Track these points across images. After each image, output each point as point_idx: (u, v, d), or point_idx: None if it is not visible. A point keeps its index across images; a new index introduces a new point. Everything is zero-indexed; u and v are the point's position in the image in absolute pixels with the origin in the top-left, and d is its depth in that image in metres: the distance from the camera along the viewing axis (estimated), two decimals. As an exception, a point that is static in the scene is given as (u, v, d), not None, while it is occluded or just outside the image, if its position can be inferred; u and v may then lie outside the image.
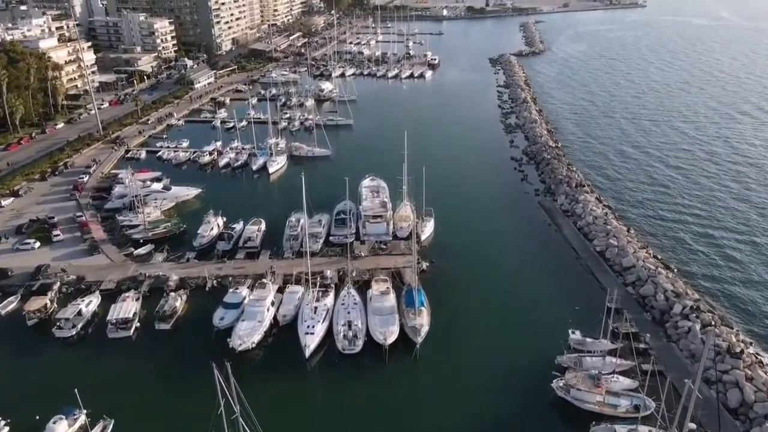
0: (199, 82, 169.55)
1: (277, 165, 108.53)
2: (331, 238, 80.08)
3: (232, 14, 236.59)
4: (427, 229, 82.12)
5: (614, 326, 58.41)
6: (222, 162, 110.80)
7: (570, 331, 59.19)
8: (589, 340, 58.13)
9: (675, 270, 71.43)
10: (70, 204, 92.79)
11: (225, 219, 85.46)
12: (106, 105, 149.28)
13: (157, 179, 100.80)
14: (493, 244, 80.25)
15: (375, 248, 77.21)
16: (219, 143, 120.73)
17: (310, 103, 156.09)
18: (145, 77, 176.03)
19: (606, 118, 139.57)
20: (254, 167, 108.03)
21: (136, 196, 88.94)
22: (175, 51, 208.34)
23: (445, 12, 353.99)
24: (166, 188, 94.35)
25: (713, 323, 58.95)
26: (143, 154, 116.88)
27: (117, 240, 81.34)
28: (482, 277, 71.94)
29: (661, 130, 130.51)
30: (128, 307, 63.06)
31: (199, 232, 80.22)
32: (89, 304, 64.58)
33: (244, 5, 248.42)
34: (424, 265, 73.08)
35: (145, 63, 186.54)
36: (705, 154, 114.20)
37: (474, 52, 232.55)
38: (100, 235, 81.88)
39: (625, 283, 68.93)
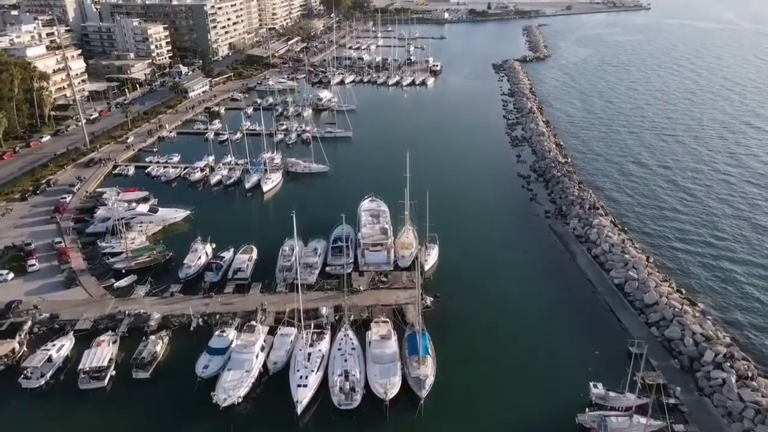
0: (193, 91, 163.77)
1: (272, 183, 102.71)
2: (327, 268, 74.22)
3: (229, 19, 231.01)
4: (431, 258, 76.34)
5: (639, 377, 52.60)
6: (214, 179, 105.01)
7: (591, 384, 53.42)
8: (612, 394, 52.36)
9: (701, 307, 65.56)
10: (50, 228, 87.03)
11: (214, 246, 79.77)
12: (96, 115, 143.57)
13: (145, 199, 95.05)
14: (502, 276, 74.42)
15: (375, 280, 71.38)
16: (211, 158, 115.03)
17: (307, 113, 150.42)
18: (137, 85, 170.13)
19: (613, 131, 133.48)
20: (247, 185, 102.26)
21: (120, 219, 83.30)
22: (170, 57, 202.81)
23: (446, 15, 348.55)
24: (153, 210, 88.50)
25: (750, 375, 53.13)
26: (131, 170, 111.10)
27: (97, 270, 75.55)
28: (491, 315, 66.08)
29: (669, 145, 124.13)
30: (103, 352, 57.24)
31: (185, 262, 74.42)
32: (61, 349, 58.80)
33: (241, 9, 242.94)
34: (428, 300, 67.27)
35: (139, 70, 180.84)
36: (716, 173, 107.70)
37: (477, 57, 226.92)
38: (79, 264, 76.09)
39: (648, 323, 63.11)
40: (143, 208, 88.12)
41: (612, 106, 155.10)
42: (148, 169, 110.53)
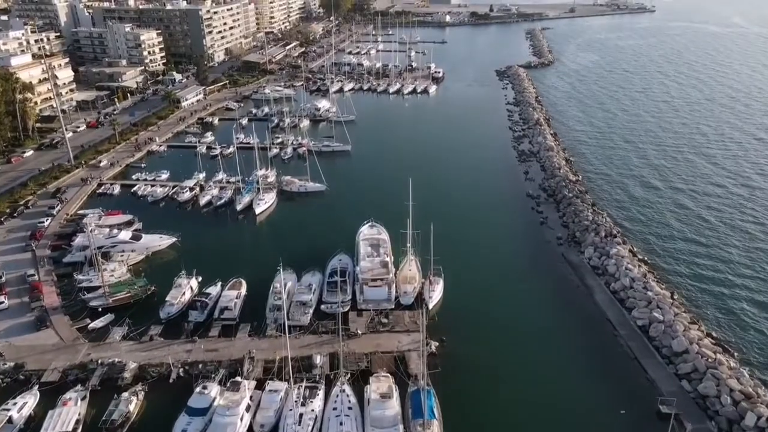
0: (186, 100, 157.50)
1: (265, 204, 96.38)
2: (323, 306, 67.98)
3: (225, 23, 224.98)
4: (436, 293, 70.07)
5: (673, 444, 46.51)
6: (203, 200, 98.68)
7: (620, 455, 47.26)
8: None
9: (737, 357, 59.26)
10: (25, 257, 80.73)
11: (200, 279, 73.54)
12: (83, 128, 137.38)
13: (128, 223, 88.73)
14: (513, 315, 68.15)
15: (374, 322, 65.07)
16: (202, 175, 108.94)
17: (305, 124, 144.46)
18: (128, 94, 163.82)
19: (622, 145, 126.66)
20: (239, 207, 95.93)
21: (99, 248, 77.20)
22: (164, 63, 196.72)
23: (448, 18, 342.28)
24: (136, 237, 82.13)
25: (800, 445, 46.92)
26: (117, 189, 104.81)
27: (72, 307, 69.30)
28: (502, 363, 59.83)
29: (685, 158, 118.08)
30: (69, 413, 50.95)
31: (167, 299, 68.19)
32: (23, 407, 52.51)
33: (238, 13, 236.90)
34: (433, 346, 60.98)
35: (130, 78, 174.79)
36: (739, 190, 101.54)
37: (479, 62, 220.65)
38: (52, 301, 69.85)
39: (678, 374, 56.81)
40: (125, 235, 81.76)
41: (619, 117, 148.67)
42: (135, 188, 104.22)
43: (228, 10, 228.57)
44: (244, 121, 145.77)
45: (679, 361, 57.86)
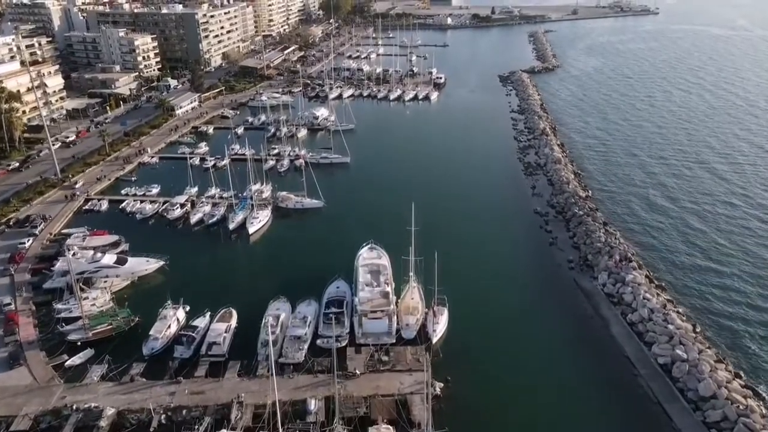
0: (180, 108, 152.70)
1: (259, 223, 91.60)
2: (318, 341, 63.13)
3: (222, 27, 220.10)
4: (440, 326, 65.28)
5: None
6: (194, 218, 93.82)
7: None
8: None
9: (769, 401, 54.49)
10: (3, 282, 75.96)
11: (188, 309, 68.84)
12: (72, 138, 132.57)
13: (114, 245, 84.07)
14: (522, 349, 63.41)
15: (374, 359, 60.23)
16: (194, 190, 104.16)
17: (302, 133, 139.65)
18: (121, 101, 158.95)
19: (631, 155, 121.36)
20: (231, 225, 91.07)
21: (82, 272, 72.65)
22: (159, 69, 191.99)
23: (449, 21, 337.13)
24: (121, 261, 77.27)
25: None
26: (105, 205, 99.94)
27: (50, 341, 64.61)
28: (512, 406, 55.17)
29: (694, 173, 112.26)
30: (38, 470, 46.31)
31: (151, 333, 63.43)
32: (-13, 462, 47.93)
33: (235, 17, 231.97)
34: (437, 387, 56.19)
35: (124, 84, 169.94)
36: (753, 209, 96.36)
37: (482, 67, 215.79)
38: (28, 334, 65.09)
39: (707, 423, 51.98)
40: (109, 259, 76.91)
41: (625, 127, 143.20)
42: (123, 204, 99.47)
43: (225, 13, 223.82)
44: (240, 130, 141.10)
45: (707, 407, 53.06)
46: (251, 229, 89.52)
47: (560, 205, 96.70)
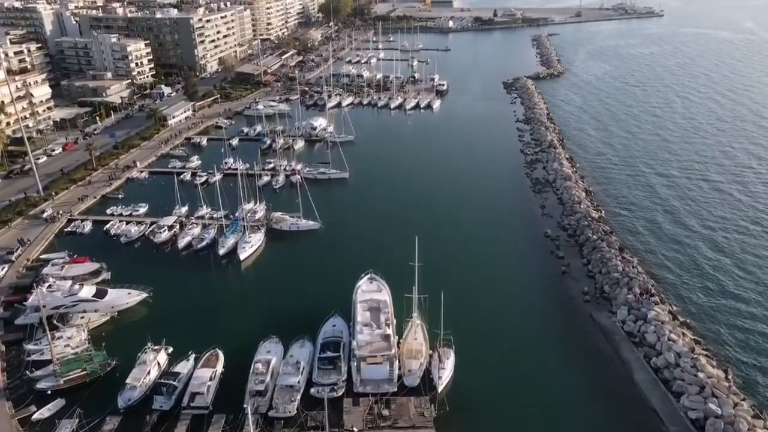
0: (173, 117, 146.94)
1: (251, 248, 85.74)
2: (312, 390, 57.32)
3: (218, 32, 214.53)
4: (447, 372, 59.48)
5: None
6: (182, 242, 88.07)
7: None
8: None
9: (818, 469, 48.66)
10: (-28, 317, 70.40)
11: (170, 351, 63.10)
12: (59, 150, 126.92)
13: (95, 273, 78.40)
14: (536, 397, 57.57)
15: (373, 413, 54.40)
16: (184, 209, 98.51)
17: (299, 146, 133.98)
18: (111, 111, 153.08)
19: (645, 170, 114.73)
20: (221, 250, 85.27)
21: (58, 307, 67.05)
22: (153, 75, 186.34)
23: (451, 24, 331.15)
24: (100, 294, 71.36)
25: None
26: (88, 227, 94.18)
27: (18, 389, 58.85)
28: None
29: (713, 188, 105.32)
30: None
31: (128, 381, 57.57)
32: None
33: (232, 21, 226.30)
34: (445, 448, 50.54)
35: (115, 92, 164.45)
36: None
37: (485, 73, 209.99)
38: (-6, 381, 59.45)
39: (748, 495, 46.22)
40: (87, 292, 71.07)
41: (635, 137, 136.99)
42: (108, 226, 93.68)
43: (222, 17, 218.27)
44: (235, 142, 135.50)
45: (747, 476, 47.27)
46: (242, 255, 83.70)
47: (572, 227, 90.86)
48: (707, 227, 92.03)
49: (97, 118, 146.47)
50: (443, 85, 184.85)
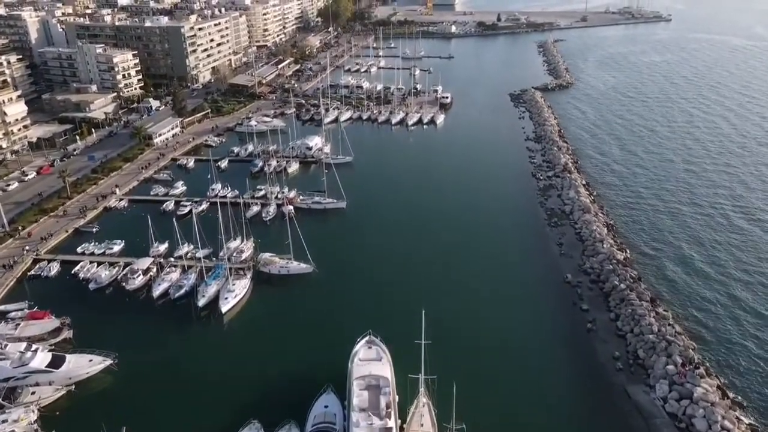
0: (159, 135, 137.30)
1: (235, 298, 76.04)
2: (299, 498, 47.84)
3: (212, 40, 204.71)
4: (459, 469, 49.92)
5: None
6: (158, 289, 78.36)
7: None
8: None
9: None
10: None
11: (133, 440, 53.58)
12: (33, 175, 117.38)
13: (55, 332, 68.85)
14: None
15: None
16: (163, 247, 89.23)
17: (293, 168, 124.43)
18: (92, 128, 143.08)
19: (662, 201, 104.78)
20: (201, 301, 75.52)
21: (6, 379, 57.57)
22: (142, 87, 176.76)
23: (453, 29, 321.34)
24: (56, 363, 61.85)
25: None
26: (55, 269, 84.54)
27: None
28: None
29: (736, 225, 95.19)
30: None
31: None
32: None
33: (227, 28, 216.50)
34: None
35: (99, 107, 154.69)
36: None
37: (490, 83, 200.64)
38: None
39: None
40: (42, 360, 61.58)
41: (654, 158, 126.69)
42: (77, 268, 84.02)
43: (215, 25, 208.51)
44: (224, 164, 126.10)
45: None
46: (224, 308, 74.04)
47: (595, 271, 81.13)
48: (743, 270, 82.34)
49: (78, 136, 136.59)
50: (447, 97, 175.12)
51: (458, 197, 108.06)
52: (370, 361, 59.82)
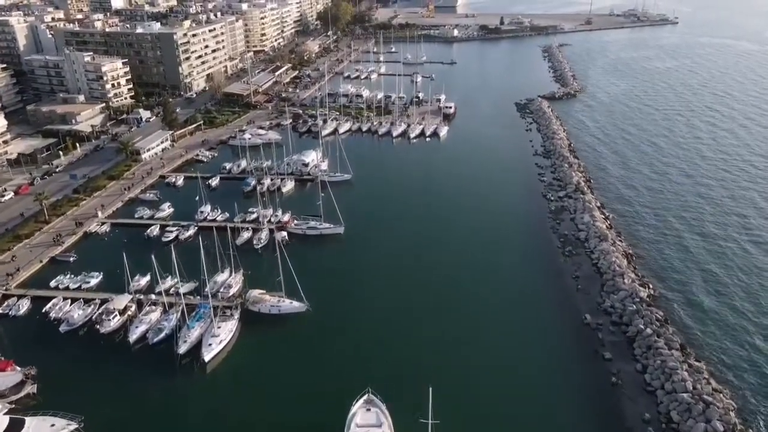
0: (147, 151, 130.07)
1: (219, 344, 68.62)
2: None
3: (206, 46, 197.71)
4: None
5: None
6: (135, 333, 70.96)
7: None
8: None
9: None
10: None
11: None
12: (10, 196, 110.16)
13: (18, 386, 61.62)
14: None
15: None
16: (144, 280, 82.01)
17: (288, 187, 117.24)
18: (76, 143, 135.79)
19: (688, 226, 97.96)
20: (182, 347, 68.10)
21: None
22: (132, 96, 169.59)
23: (456, 32, 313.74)
24: (13, 429, 54.55)
25: None
26: (25, 306, 77.13)
27: None
28: None
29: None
30: None
31: None
32: None
33: (222, 34, 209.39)
34: None
35: (86, 118, 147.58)
36: None
37: (495, 91, 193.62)
38: None
39: None
40: (-5, 426, 54.47)
41: (671, 177, 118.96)
42: (49, 306, 76.74)
43: (210, 31, 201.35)
44: (215, 182, 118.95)
45: None
46: (207, 356, 66.71)
47: (617, 311, 73.77)
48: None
49: (61, 151, 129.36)
50: (450, 107, 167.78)
51: (464, 222, 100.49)
52: (369, 428, 52.66)
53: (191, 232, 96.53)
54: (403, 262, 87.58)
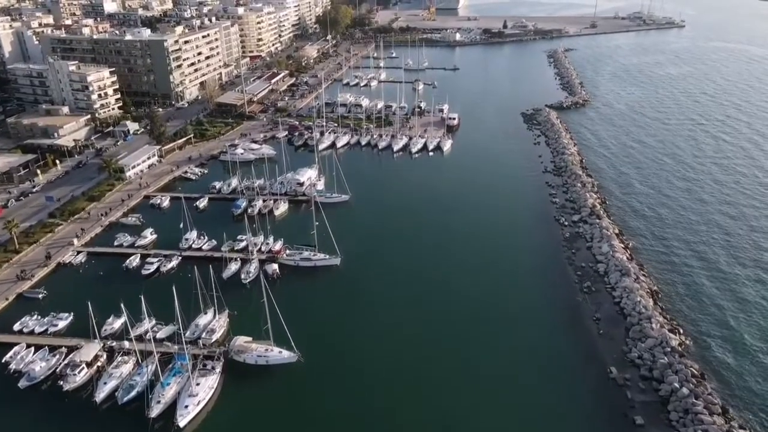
0: (131, 168, 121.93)
1: (197, 406, 60.31)
2: None
3: (199, 53, 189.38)
4: None
5: None
6: (103, 391, 62.57)
7: None
8: None
9: None
10: None
11: None
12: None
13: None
14: None
15: None
16: (119, 322, 73.70)
17: (281, 210, 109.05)
18: (59, 159, 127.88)
19: (713, 256, 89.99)
20: (155, 409, 59.88)
21: None
22: (120, 107, 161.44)
23: (458, 36, 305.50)
24: None
25: None
26: (-18, 357, 69.40)
27: None
28: None
29: None
30: None
31: None
32: None
33: (216, 40, 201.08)
34: None
35: (69, 132, 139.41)
36: None
37: (500, 100, 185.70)
38: None
39: None
40: None
41: (700, 197, 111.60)
42: (9, 356, 68.61)
43: (204, 36, 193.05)
44: (203, 203, 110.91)
45: None
46: (182, 421, 58.45)
47: (645, 363, 65.58)
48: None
49: (39, 170, 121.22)
50: (454, 118, 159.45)
51: (472, 252, 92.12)
52: None
53: (174, 263, 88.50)
54: (403, 298, 79.49)
